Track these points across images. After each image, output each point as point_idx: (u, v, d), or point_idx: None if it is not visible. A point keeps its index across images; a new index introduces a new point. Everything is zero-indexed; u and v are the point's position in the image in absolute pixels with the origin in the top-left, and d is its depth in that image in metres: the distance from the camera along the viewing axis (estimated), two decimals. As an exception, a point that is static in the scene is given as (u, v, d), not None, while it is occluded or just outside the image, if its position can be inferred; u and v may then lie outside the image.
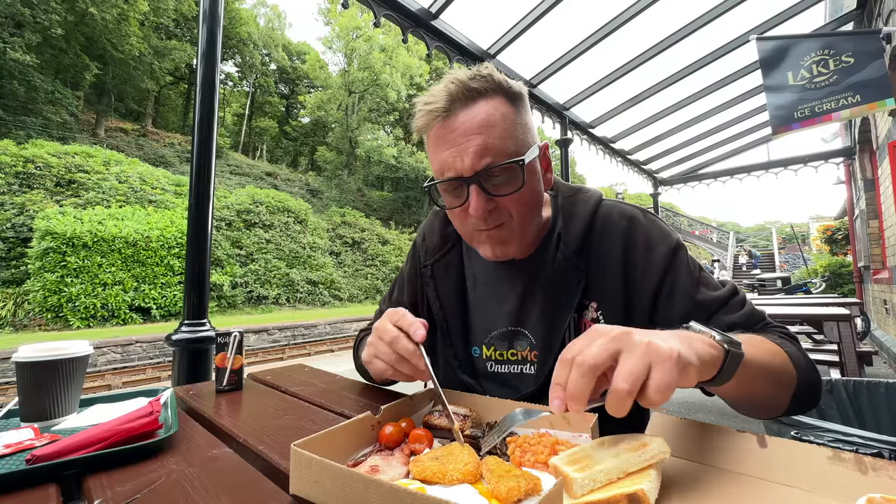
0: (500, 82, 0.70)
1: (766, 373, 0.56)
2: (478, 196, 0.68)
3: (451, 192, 0.72)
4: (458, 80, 0.68)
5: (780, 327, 0.71)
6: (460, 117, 0.68)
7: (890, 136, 4.25)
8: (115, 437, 0.58)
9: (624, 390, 0.39)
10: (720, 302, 0.71)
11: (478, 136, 0.66)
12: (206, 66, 1.73)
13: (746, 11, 3.56)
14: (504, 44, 3.38)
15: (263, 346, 10.99)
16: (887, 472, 0.40)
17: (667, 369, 0.40)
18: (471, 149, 0.66)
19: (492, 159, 0.67)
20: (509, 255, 0.76)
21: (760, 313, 0.72)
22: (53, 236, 11.03)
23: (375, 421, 0.57)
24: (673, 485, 0.45)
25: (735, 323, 0.69)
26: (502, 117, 0.69)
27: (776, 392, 0.60)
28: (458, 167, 0.68)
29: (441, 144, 0.69)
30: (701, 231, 26.43)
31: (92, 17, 19.27)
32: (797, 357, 0.64)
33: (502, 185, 0.69)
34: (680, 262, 0.74)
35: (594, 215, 0.79)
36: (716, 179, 7.12)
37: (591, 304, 0.75)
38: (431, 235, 0.94)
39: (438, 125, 0.70)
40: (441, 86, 0.70)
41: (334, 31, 30.38)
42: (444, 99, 0.68)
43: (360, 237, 22.58)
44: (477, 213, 0.69)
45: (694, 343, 0.45)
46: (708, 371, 0.46)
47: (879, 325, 6.22)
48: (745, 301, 0.73)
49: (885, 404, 1.50)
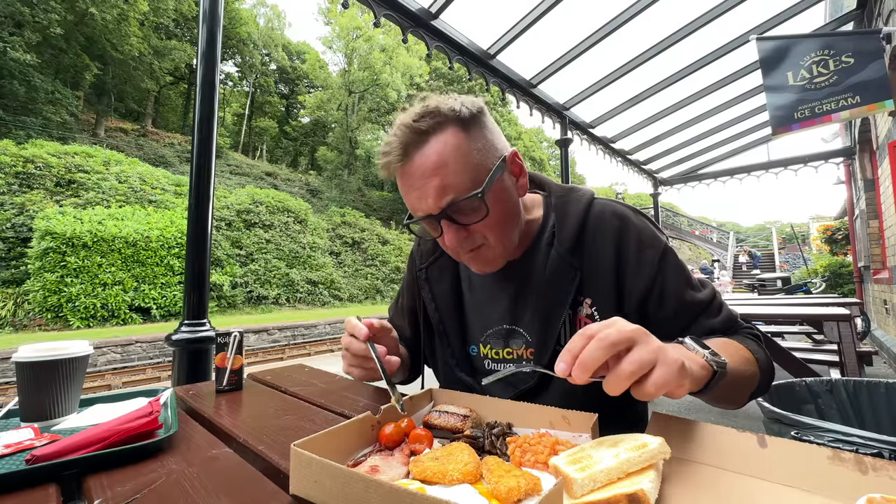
0: (447, 113, 0.69)
1: (740, 380, 0.64)
2: (448, 228, 0.72)
3: (428, 226, 0.76)
4: (405, 125, 0.69)
5: (748, 327, 0.78)
6: (416, 161, 0.69)
7: (890, 136, 4.25)
8: (115, 437, 0.58)
9: (627, 371, 0.45)
10: (703, 305, 0.76)
11: (434, 177, 0.68)
12: (206, 66, 1.73)
13: (746, 11, 3.56)
14: (504, 44, 3.38)
15: (263, 346, 11.00)
16: (887, 472, 0.40)
17: (669, 371, 0.45)
18: (430, 190, 0.69)
19: (453, 196, 0.69)
20: (496, 268, 0.80)
21: (734, 316, 0.78)
22: (53, 236, 11.02)
23: (375, 421, 0.58)
24: (673, 485, 0.45)
25: (714, 328, 0.75)
26: (454, 150, 0.69)
27: (740, 394, 0.69)
28: (424, 208, 0.71)
29: (406, 189, 0.72)
30: (701, 231, 26.43)
31: (92, 16, 19.26)
32: (762, 359, 0.72)
33: (469, 215, 0.71)
34: (669, 265, 0.77)
35: (587, 214, 0.80)
36: (716, 179, 7.11)
37: (586, 300, 0.76)
38: (425, 240, 0.96)
39: (399, 171, 0.72)
40: (394, 130, 0.71)
41: (334, 31, 30.38)
42: (397, 147, 0.69)
43: (360, 237, 22.58)
44: (452, 244, 0.73)
45: (692, 361, 0.52)
46: (696, 386, 0.53)
47: (879, 325, 6.22)
48: (722, 305, 0.78)
49: (885, 404, 1.50)
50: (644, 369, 0.45)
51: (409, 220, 0.77)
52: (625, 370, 0.45)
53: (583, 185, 0.89)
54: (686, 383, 0.47)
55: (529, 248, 0.83)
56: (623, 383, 0.45)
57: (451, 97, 0.72)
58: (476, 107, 0.72)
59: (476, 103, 0.73)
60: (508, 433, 0.57)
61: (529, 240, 0.83)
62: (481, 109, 0.74)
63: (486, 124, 0.74)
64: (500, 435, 0.56)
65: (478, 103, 0.73)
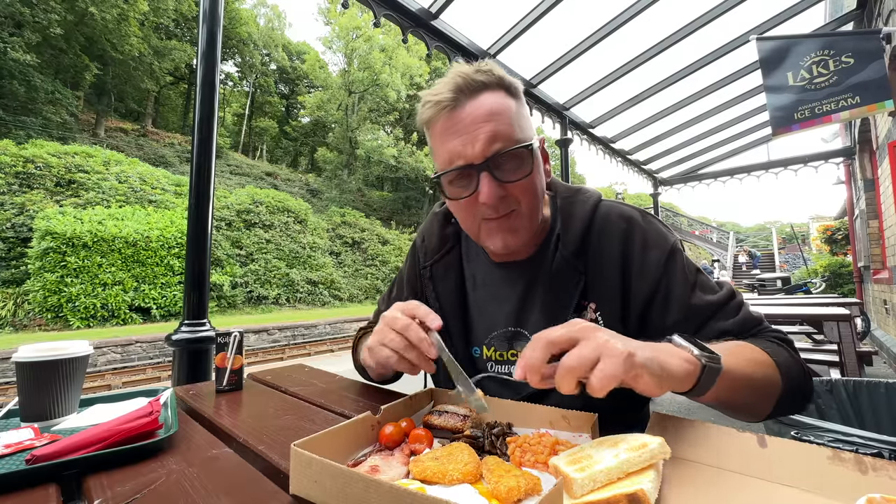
0: (500, 77, 0.72)
1: (748, 383, 0.58)
2: (489, 182, 0.68)
3: (460, 183, 0.72)
4: (464, 73, 0.70)
5: (775, 331, 0.71)
6: (467, 108, 0.69)
7: (890, 136, 4.25)
8: (115, 437, 0.58)
9: (566, 366, 0.45)
10: (715, 307, 0.71)
11: (486, 123, 0.68)
12: (206, 66, 1.73)
13: (746, 11, 3.56)
14: (504, 44, 3.38)
15: (263, 346, 10.99)
16: (887, 472, 0.40)
17: (613, 363, 0.43)
18: (481, 135, 0.67)
19: (502, 144, 0.68)
20: (520, 243, 0.76)
21: (756, 318, 0.71)
22: (53, 236, 11.02)
23: (375, 421, 0.58)
24: (673, 485, 0.45)
25: (727, 330, 0.69)
26: (507, 108, 0.70)
27: (756, 400, 0.62)
28: (468, 154, 0.68)
29: (449, 135, 0.70)
30: (701, 231, 26.42)
31: (92, 16, 19.26)
32: (787, 365, 0.64)
33: (512, 171, 0.70)
34: (675, 267, 0.73)
35: (593, 216, 0.79)
36: (716, 179, 7.12)
37: (590, 304, 0.75)
38: (431, 237, 0.94)
39: (445, 117, 0.70)
40: (447, 79, 0.71)
41: (334, 31, 30.36)
42: (450, 90, 0.69)
43: (360, 237, 22.57)
44: (489, 199, 0.68)
45: (665, 356, 0.48)
46: (681, 384, 0.49)
47: (879, 325, 6.22)
48: (742, 305, 0.72)
49: (885, 404, 1.50)
50: (586, 363, 0.44)
51: (442, 172, 0.72)
52: (564, 365, 0.45)
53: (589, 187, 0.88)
54: (643, 375, 0.44)
55: (539, 249, 0.82)
56: (566, 379, 0.45)
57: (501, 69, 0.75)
58: (520, 85, 0.75)
59: (519, 83, 0.75)
60: (508, 433, 0.57)
61: (540, 239, 0.82)
62: (522, 90, 0.76)
63: (525, 105, 0.77)
64: (500, 435, 0.56)
65: (520, 84, 0.76)
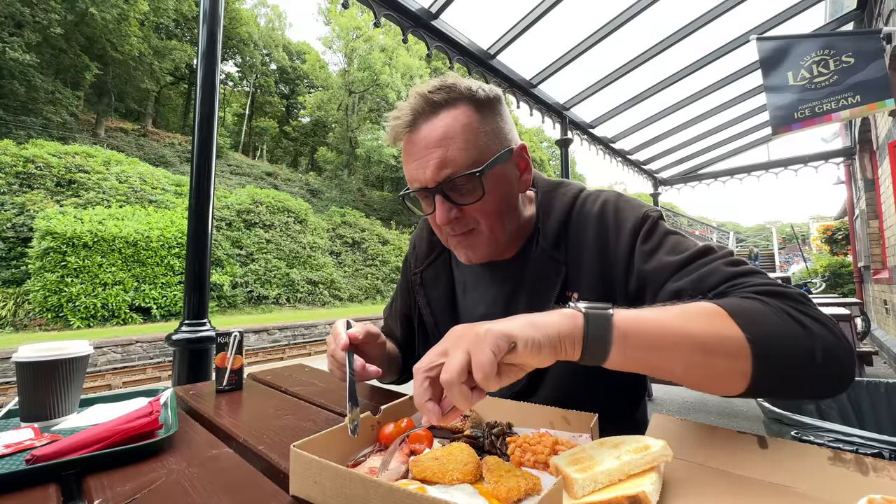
0: (463, 91, 0.70)
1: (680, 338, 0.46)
2: (441, 205, 0.70)
3: (423, 201, 0.75)
4: (420, 94, 0.70)
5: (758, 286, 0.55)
6: (423, 130, 0.70)
7: (890, 135, 4.25)
8: (115, 437, 0.58)
9: (444, 381, 0.41)
10: (674, 267, 0.62)
11: (438, 149, 0.68)
12: (206, 66, 1.73)
13: (746, 11, 3.56)
14: (504, 44, 3.38)
15: (263, 346, 11.00)
16: (888, 473, 0.40)
17: (480, 350, 0.41)
18: (431, 161, 0.68)
19: (451, 171, 0.68)
20: (483, 258, 0.77)
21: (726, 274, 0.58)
22: (54, 236, 11.03)
23: (375, 421, 0.58)
24: (674, 486, 0.44)
25: (680, 289, 0.60)
26: (463, 128, 0.69)
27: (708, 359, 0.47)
28: (421, 179, 0.70)
29: (408, 157, 0.72)
30: (701, 231, 26.39)
31: (92, 16, 19.27)
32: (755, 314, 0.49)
33: (466, 194, 0.70)
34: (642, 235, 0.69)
35: (572, 206, 0.78)
36: (716, 179, 7.11)
37: (574, 294, 0.75)
38: (420, 243, 0.96)
39: (406, 139, 0.72)
40: (409, 99, 0.72)
41: (334, 31, 30.41)
42: (408, 113, 0.70)
43: (360, 237, 22.57)
44: (441, 221, 0.71)
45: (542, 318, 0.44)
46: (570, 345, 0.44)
47: (879, 325, 6.22)
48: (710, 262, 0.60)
49: (885, 404, 1.50)
50: (459, 368, 0.40)
51: (406, 191, 0.76)
52: (443, 381, 0.41)
53: (574, 181, 0.86)
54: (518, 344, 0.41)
55: (522, 248, 0.82)
56: (453, 394, 0.41)
57: (470, 79, 0.73)
58: (493, 93, 0.73)
59: (494, 90, 0.74)
60: (508, 433, 0.57)
61: (523, 239, 0.82)
62: (498, 97, 0.74)
63: (500, 112, 0.75)
64: (500, 435, 0.56)
65: (496, 90, 0.74)
